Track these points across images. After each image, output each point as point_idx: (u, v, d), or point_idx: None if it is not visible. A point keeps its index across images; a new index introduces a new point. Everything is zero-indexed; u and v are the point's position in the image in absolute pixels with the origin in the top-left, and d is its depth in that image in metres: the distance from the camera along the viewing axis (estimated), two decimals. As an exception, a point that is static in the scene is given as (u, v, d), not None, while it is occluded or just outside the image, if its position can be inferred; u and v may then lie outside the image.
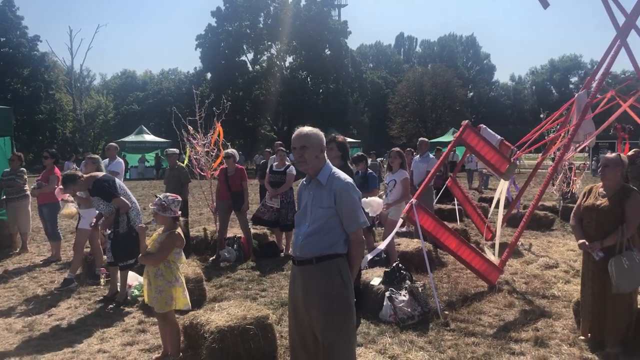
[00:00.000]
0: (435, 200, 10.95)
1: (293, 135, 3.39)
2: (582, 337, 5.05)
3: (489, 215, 10.26)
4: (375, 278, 6.21)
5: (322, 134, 3.44)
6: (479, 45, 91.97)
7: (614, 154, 4.89)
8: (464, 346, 4.96)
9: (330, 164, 3.43)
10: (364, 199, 5.95)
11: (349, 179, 3.34)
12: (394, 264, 6.21)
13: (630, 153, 6.58)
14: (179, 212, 4.78)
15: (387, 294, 5.75)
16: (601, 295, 4.79)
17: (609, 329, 4.79)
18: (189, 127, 9.19)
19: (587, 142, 7.80)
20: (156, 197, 4.76)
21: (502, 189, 8.82)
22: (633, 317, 4.79)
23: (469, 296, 6.53)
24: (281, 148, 9.19)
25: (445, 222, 9.96)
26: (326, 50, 51.07)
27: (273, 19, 50.20)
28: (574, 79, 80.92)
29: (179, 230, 4.71)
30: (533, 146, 8.49)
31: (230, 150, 8.76)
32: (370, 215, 6.74)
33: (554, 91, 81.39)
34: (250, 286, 7.20)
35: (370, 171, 7.89)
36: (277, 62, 53.01)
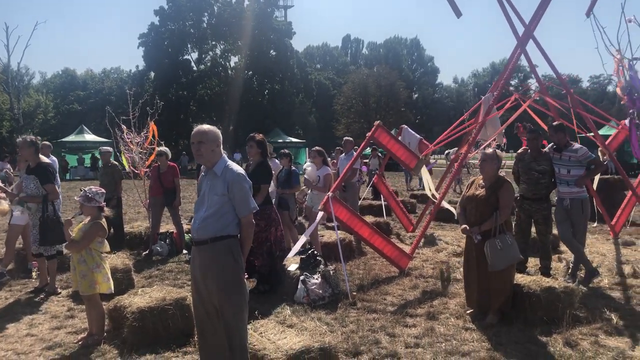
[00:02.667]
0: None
1: (192, 132, 3.89)
2: (469, 311, 5.76)
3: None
4: (292, 264, 6.77)
5: (218, 131, 3.95)
6: (423, 48, 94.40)
7: (490, 151, 5.63)
8: (365, 321, 5.58)
9: (226, 157, 3.95)
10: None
11: (240, 170, 3.87)
12: (310, 252, 6.78)
13: (520, 150, 7.38)
14: (103, 203, 5.20)
15: (301, 278, 6.31)
16: (482, 273, 5.49)
17: (490, 301, 5.51)
18: (123, 126, 9.52)
19: (491, 138, 8.62)
20: (81, 190, 5.17)
21: (426, 178, 9.64)
22: (510, 291, 5.52)
23: (380, 280, 7.19)
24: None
25: (374, 217, 10.78)
26: (271, 51, 51.53)
27: (217, 19, 50.33)
28: (513, 82, 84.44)
29: (102, 220, 5.13)
30: (441, 143, 9.25)
31: (162, 148, 9.15)
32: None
33: (494, 93, 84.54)
34: (179, 277, 7.63)
35: (294, 168, 8.47)
36: (222, 62, 53.10)
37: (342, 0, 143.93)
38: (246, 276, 3.98)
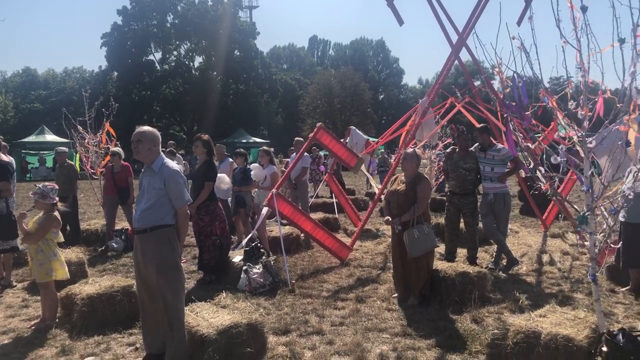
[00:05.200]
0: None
1: (134, 132, 4.37)
2: (395, 295, 6.36)
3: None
4: (237, 256, 7.28)
5: (157, 132, 4.45)
6: (388, 49, 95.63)
7: (410, 150, 6.25)
8: (299, 305, 6.14)
9: (163, 156, 4.45)
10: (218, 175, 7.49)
11: (176, 167, 4.38)
12: (253, 244, 7.29)
13: (448, 150, 8.04)
14: (57, 199, 5.63)
15: (244, 268, 6.83)
16: (404, 259, 6.10)
17: (412, 285, 6.12)
18: (79, 127, 9.87)
19: (428, 137, 9.29)
20: (36, 186, 5.60)
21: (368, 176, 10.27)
22: (429, 275, 6.14)
23: (320, 270, 7.75)
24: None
25: (325, 214, 11.31)
26: (236, 51, 51.76)
27: (181, 19, 50.30)
28: (476, 83, 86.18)
29: (56, 213, 5.57)
30: (379, 143, 9.87)
31: (116, 149, 9.54)
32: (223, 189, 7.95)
33: (459, 94, 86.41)
34: (131, 270, 8.02)
35: (248, 167, 8.97)
36: (186, 62, 53.12)
37: (308, 1, 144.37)
38: (184, 261, 4.48)
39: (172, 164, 4.41)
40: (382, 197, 7.25)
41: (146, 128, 4.40)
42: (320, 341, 5.03)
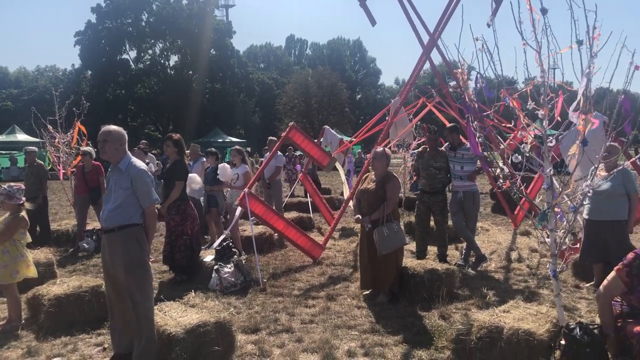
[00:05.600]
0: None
1: (99, 132, 4.35)
2: (365, 292, 6.43)
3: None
4: (208, 256, 7.28)
5: (123, 131, 4.42)
6: (365, 49, 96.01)
7: (380, 149, 6.33)
8: (270, 303, 6.17)
9: (130, 155, 4.43)
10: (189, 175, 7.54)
11: (143, 166, 4.38)
12: (225, 244, 7.29)
13: (420, 149, 8.14)
14: (23, 199, 5.57)
15: (215, 267, 6.83)
16: (374, 257, 6.16)
17: (381, 282, 6.19)
18: (49, 126, 9.75)
19: (400, 136, 9.38)
20: (1, 187, 5.54)
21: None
22: (398, 273, 6.22)
23: (293, 269, 7.79)
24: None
25: (298, 213, 11.35)
26: (212, 50, 51.46)
27: (156, 17, 49.86)
28: (452, 83, 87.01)
29: (23, 213, 5.51)
30: (353, 142, 9.94)
31: (87, 148, 9.44)
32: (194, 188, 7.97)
33: (434, 94, 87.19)
34: (102, 270, 7.98)
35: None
36: (161, 61, 52.65)
37: (285, 0, 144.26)
38: (153, 260, 4.48)
39: (140, 163, 4.40)
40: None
41: (112, 127, 4.39)
42: (290, 339, 5.07)
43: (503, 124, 7.07)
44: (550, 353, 3.96)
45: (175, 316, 4.67)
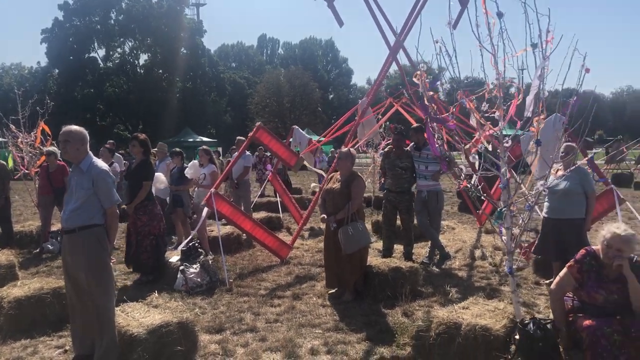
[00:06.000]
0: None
1: (60, 132, 4.32)
2: (330, 291, 6.48)
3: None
4: (174, 257, 7.24)
5: (84, 131, 4.40)
6: (337, 49, 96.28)
7: (345, 149, 6.40)
8: (236, 303, 6.18)
9: (92, 155, 4.41)
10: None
11: (105, 166, 4.36)
12: (191, 244, 7.27)
13: (386, 149, 8.24)
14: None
15: (180, 268, 6.81)
16: (339, 256, 6.22)
17: (346, 281, 6.25)
18: (11, 126, 9.56)
19: (367, 136, 9.48)
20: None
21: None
22: (363, 271, 6.30)
23: (260, 269, 7.80)
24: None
25: (267, 212, 11.34)
26: (182, 49, 50.99)
27: (125, 15, 49.16)
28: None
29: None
30: (322, 142, 10.01)
31: (51, 148, 9.29)
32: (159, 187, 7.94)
33: (405, 94, 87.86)
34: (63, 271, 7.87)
35: (186, 165, 8.91)
36: (131, 60, 51.94)
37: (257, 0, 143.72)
38: (114, 261, 4.46)
39: (101, 164, 4.38)
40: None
41: (73, 127, 4.36)
42: (254, 338, 5.09)
43: (465, 125, 7.20)
44: (506, 348, 4.07)
45: (138, 317, 4.65)
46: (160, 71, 52.08)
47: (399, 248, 8.16)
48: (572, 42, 4.02)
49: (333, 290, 6.47)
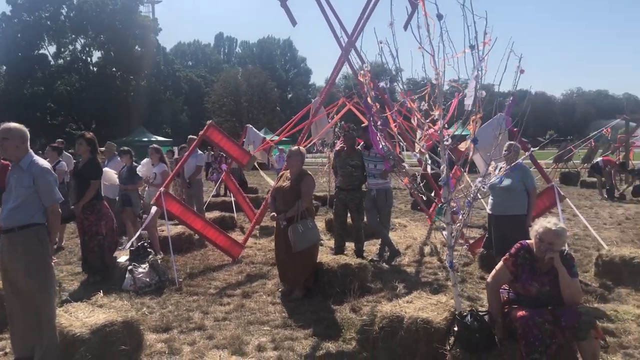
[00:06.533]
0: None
1: None
2: (281, 289, 6.53)
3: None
4: (123, 256, 7.15)
5: (24, 129, 4.31)
6: (295, 49, 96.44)
7: (295, 147, 6.46)
8: (185, 302, 6.16)
9: (32, 153, 4.33)
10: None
11: (46, 164, 4.29)
12: (139, 244, 7.19)
13: (337, 148, 8.35)
14: None
15: (129, 267, 6.73)
16: (289, 253, 6.26)
17: (296, 278, 6.31)
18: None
19: (319, 135, 9.56)
20: None
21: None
22: (313, 268, 6.37)
23: (211, 268, 7.77)
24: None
25: (221, 212, 11.28)
26: (136, 47, 50.03)
27: (77, 12, 47.91)
28: (381, 84, 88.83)
29: None
30: (274, 141, 10.06)
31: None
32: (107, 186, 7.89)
33: (355, 93, 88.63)
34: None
35: (135, 165, 8.80)
36: (83, 57, 50.65)
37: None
38: (55, 261, 4.39)
39: (42, 162, 4.31)
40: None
41: (13, 125, 4.27)
42: (201, 336, 5.09)
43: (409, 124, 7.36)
44: (446, 340, 4.20)
45: (82, 317, 4.59)
46: (114, 69, 50.96)
47: (350, 246, 8.27)
48: (508, 45, 4.18)
49: (283, 288, 6.52)
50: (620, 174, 15.95)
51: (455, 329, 4.07)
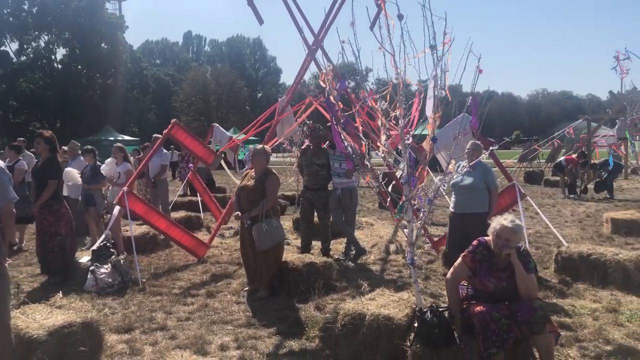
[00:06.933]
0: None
1: None
2: (246, 288, 6.51)
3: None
4: (85, 257, 7.03)
5: None
6: (265, 47, 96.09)
7: (259, 146, 6.45)
8: (148, 302, 6.09)
9: None
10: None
11: (1, 163, 4.19)
12: (102, 244, 7.07)
13: (303, 147, 8.37)
14: None
15: (91, 268, 6.62)
16: (254, 253, 6.25)
17: (261, 277, 6.30)
18: None
19: (286, 134, 9.56)
20: None
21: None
22: (278, 267, 6.37)
23: (176, 268, 7.70)
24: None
25: (187, 212, 11.17)
26: (102, 44, 49.09)
27: (40, 8, 46.70)
28: (352, 84, 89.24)
29: None
30: (241, 139, 10.03)
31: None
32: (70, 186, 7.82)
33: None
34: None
35: (99, 164, 8.66)
36: (46, 54, 49.48)
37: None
38: (8, 261, 4.29)
39: (-8, 160, 4.21)
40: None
41: None
42: (163, 336, 5.05)
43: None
44: (406, 336, 4.26)
45: (39, 318, 4.49)
46: (80, 67, 49.89)
47: (317, 244, 8.30)
48: (467, 45, 4.25)
49: (248, 287, 6.50)
50: (582, 171, 16.38)
51: (416, 325, 4.12)
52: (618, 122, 19.85)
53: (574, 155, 17.13)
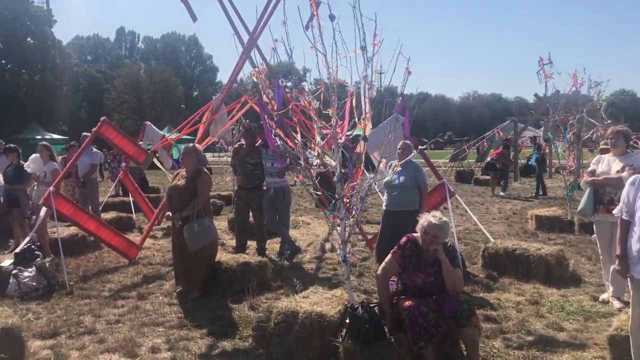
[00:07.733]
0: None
1: None
2: (178, 289, 6.40)
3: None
4: (6, 260, 6.71)
5: None
6: (201, 45, 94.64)
7: (190, 145, 6.37)
8: (76, 306, 5.89)
9: None
10: None
11: None
12: (26, 246, 6.77)
13: (236, 145, 8.31)
14: None
15: (13, 272, 6.32)
16: (186, 253, 6.15)
17: (193, 278, 6.21)
18: None
19: (219, 133, 9.46)
20: None
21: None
22: (211, 268, 6.30)
23: (106, 270, 7.47)
24: None
25: (118, 213, 10.85)
26: (29, 39, 46.73)
27: (-42, -1, 44.03)
28: (289, 84, 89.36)
29: None
30: (174, 138, 9.86)
31: None
32: None
33: (271, 92, 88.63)
34: None
35: (22, 163, 8.29)
36: (-34, 48, 46.70)
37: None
38: None
39: None
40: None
41: None
42: (91, 340, 4.90)
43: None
44: (338, 332, 4.32)
45: (-46, 327, 4.26)
46: (4, 62, 47.25)
47: (253, 244, 8.27)
48: (397, 46, 4.36)
49: (181, 288, 6.40)
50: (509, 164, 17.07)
51: (347, 321, 4.19)
52: (542, 124, 20.82)
53: (499, 149, 17.79)
